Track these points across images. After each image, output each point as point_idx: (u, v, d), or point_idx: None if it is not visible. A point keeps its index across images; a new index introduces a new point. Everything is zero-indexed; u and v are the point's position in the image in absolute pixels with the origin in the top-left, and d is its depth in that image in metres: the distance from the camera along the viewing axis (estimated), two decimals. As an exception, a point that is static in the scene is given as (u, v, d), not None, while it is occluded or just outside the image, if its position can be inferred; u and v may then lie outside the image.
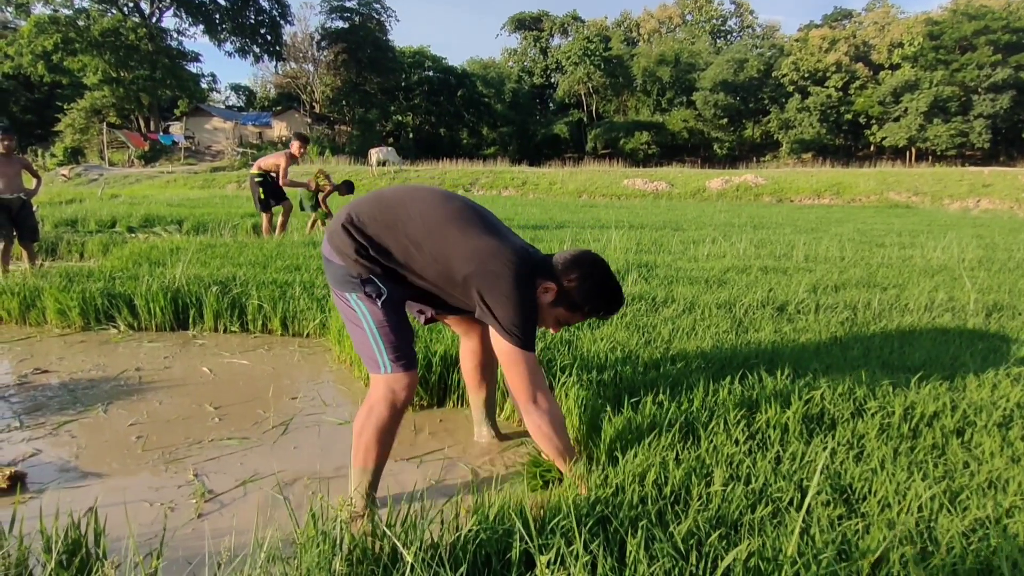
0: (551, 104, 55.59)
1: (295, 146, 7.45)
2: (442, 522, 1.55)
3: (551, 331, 2.08)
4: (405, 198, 1.96)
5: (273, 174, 7.49)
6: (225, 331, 4.14)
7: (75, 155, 33.87)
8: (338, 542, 1.44)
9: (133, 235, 8.34)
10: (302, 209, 8.91)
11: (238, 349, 3.81)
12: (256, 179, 7.46)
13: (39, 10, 35.01)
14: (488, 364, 2.46)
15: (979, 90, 38.89)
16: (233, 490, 2.16)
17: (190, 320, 4.17)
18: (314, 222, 8.76)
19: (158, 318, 4.14)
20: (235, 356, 3.67)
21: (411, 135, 48.38)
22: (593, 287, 1.95)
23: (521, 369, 1.86)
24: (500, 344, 1.86)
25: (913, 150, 40.48)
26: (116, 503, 2.01)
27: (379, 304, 1.91)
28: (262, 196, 7.51)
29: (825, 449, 2.03)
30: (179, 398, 3.01)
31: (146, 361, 3.55)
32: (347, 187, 9.00)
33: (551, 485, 2.12)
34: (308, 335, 4.03)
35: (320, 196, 8.59)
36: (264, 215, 7.71)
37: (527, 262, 1.89)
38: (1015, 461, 2.00)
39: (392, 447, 2.03)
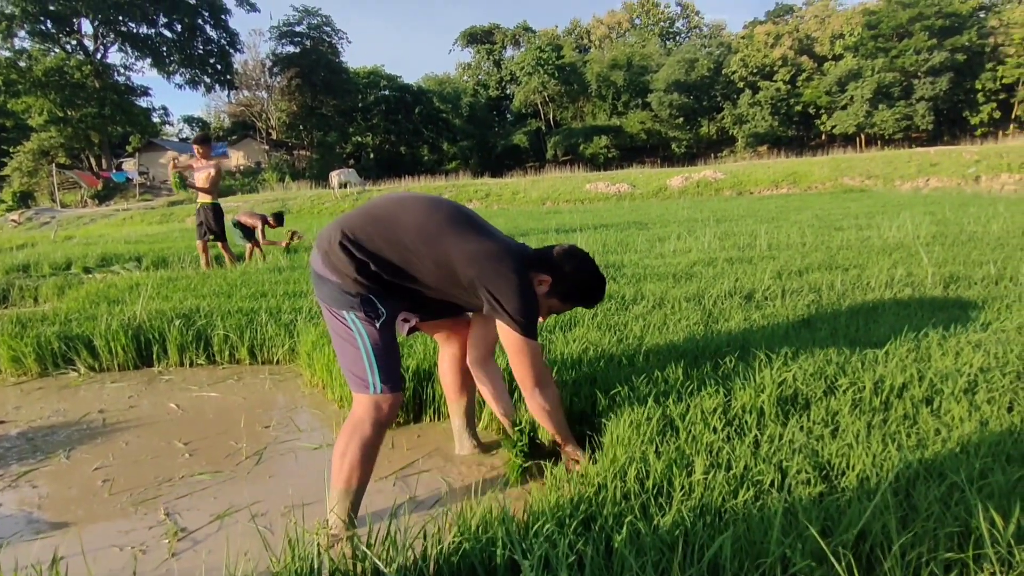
0: (509, 115, 55.94)
1: (195, 151, 7.29)
2: (424, 536, 1.52)
3: (540, 320, 2.16)
4: (397, 210, 1.99)
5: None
6: (192, 365, 4.03)
7: (24, 199, 32.91)
8: (317, 568, 1.39)
9: (90, 275, 8.09)
10: (238, 242, 8.81)
11: (206, 382, 3.71)
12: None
13: (-23, 53, 34.05)
14: (468, 371, 2.44)
15: (919, 74, 40.41)
16: (207, 526, 2.09)
17: (154, 356, 4.05)
18: (251, 252, 8.64)
19: (120, 357, 4.01)
20: (203, 389, 3.57)
21: (372, 155, 48.15)
22: (587, 278, 2.13)
23: (528, 356, 1.99)
24: (508, 335, 1.98)
25: (862, 136, 41.76)
26: (82, 552, 1.92)
27: (377, 326, 1.94)
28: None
29: (801, 429, 2.05)
30: (146, 437, 2.91)
31: (110, 402, 3.42)
32: (277, 219, 8.97)
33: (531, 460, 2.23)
34: (278, 362, 3.95)
35: (257, 232, 8.57)
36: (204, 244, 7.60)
37: (522, 259, 2.02)
38: (984, 424, 2.05)
39: (374, 466, 2.00)
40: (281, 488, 2.35)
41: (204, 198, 7.41)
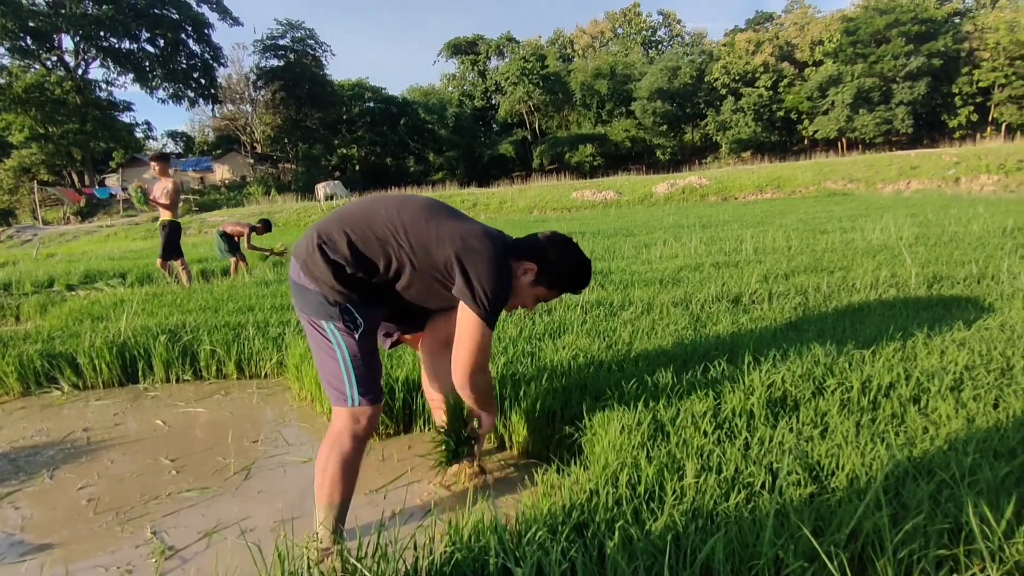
0: (494, 125, 56.14)
1: (153, 168, 7.23)
2: (415, 547, 1.50)
3: (528, 309, 2.16)
4: (371, 207, 1.97)
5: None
6: (178, 381, 3.98)
7: (5, 217, 32.50)
8: (307, 582, 1.38)
9: (73, 293, 7.99)
10: (220, 256, 8.75)
11: (193, 398, 3.66)
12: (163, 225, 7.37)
13: (-46, 71, 33.68)
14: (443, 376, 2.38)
15: (897, 79, 41.12)
16: (195, 544, 2.06)
17: (139, 373, 3.99)
18: (236, 266, 8.57)
19: (104, 374, 3.95)
20: (190, 405, 3.52)
21: (357, 167, 48.11)
22: (573, 263, 2.09)
23: (477, 342, 1.92)
24: (466, 316, 1.91)
25: (844, 140, 42.35)
26: (67, 574, 1.89)
27: (356, 336, 1.90)
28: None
29: (791, 430, 2.06)
30: (132, 455, 2.87)
31: (94, 420, 3.37)
32: (265, 226, 8.91)
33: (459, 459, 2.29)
34: (265, 375, 3.91)
35: (243, 242, 8.51)
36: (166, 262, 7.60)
37: (504, 245, 1.99)
38: (971, 421, 2.06)
39: (357, 479, 1.97)
40: (270, 503, 2.32)
41: (165, 215, 7.37)
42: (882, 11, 41.46)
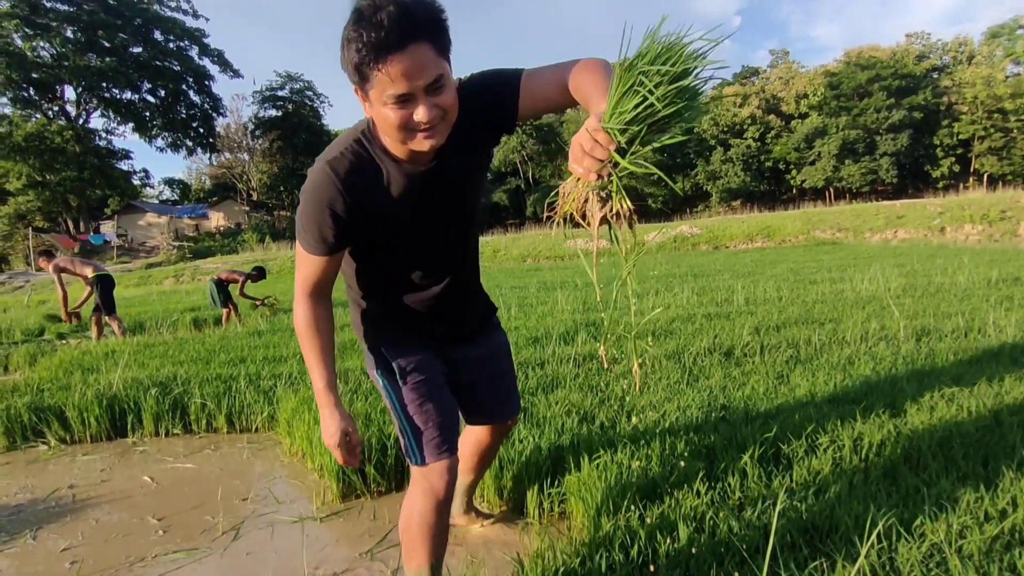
0: (488, 174, 57.02)
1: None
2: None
3: (425, 143, 1.29)
4: None
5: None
6: (167, 435, 3.93)
7: (-2, 263, 32.46)
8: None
9: (64, 342, 7.94)
10: (212, 305, 8.77)
11: (182, 452, 3.62)
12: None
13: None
14: (487, 455, 2.14)
15: (880, 131, 42.37)
16: (181, 609, 2.01)
17: (128, 427, 3.95)
18: (228, 316, 8.57)
19: (93, 428, 3.91)
20: (179, 460, 3.48)
21: (353, 214, 48.49)
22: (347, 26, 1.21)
23: (297, 263, 1.56)
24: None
25: (831, 189, 43.26)
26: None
27: (400, 382, 1.64)
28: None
29: (784, 490, 2.06)
30: (118, 513, 2.82)
31: (80, 476, 3.32)
32: (259, 273, 8.96)
33: None
34: (256, 430, 3.87)
35: (235, 289, 8.56)
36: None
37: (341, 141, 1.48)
38: (961, 480, 2.08)
39: (447, 541, 1.77)
40: (259, 566, 2.27)
41: (88, 274, 7.54)
42: (863, 66, 43.09)
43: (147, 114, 40.49)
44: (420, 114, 1.23)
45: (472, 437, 2.08)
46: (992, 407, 2.72)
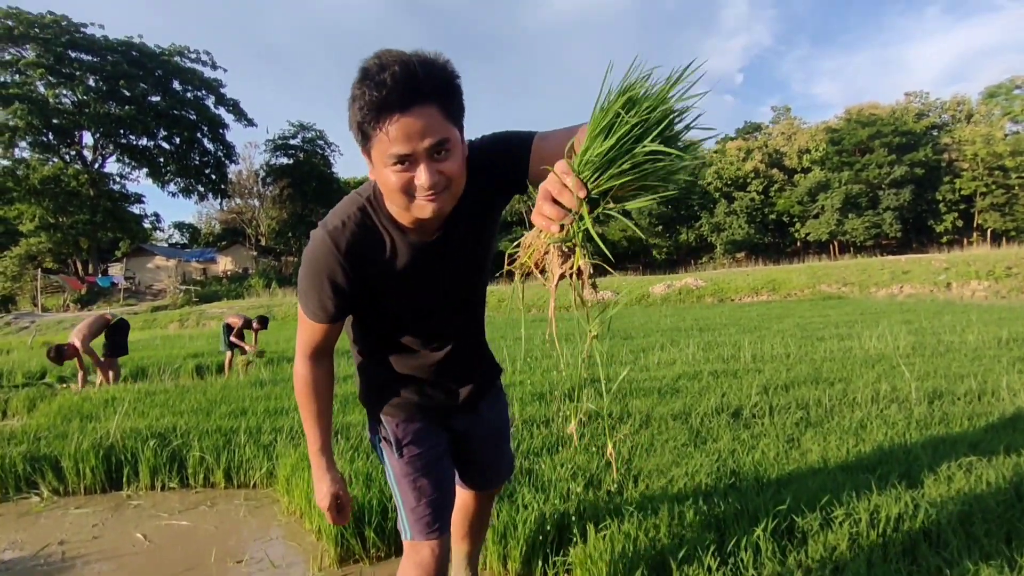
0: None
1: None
2: None
3: (427, 208, 1.25)
4: None
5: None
6: (163, 488, 3.85)
7: (5, 303, 32.63)
8: None
9: (64, 385, 7.89)
10: (223, 348, 8.79)
11: (177, 508, 3.53)
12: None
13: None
14: (478, 520, 2.06)
15: (883, 186, 42.90)
16: None
17: (124, 479, 3.87)
18: (230, 362, 8.54)
19: (88, 479, 3.83)
20: (174, 517, 3.39)
21: (360, 261, 48.86)
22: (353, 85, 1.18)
23: (299, 327, 1.51)
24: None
25: (836, 243, 43.51)
26: None
27: (396, 454, 1.59)
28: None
29: (800, 566, 1.98)
30: (108, 574, 2.73)
31: (71, 532, 3.23)
32: (262, 323, 9.02)
33: None
34: (255, 485, 3.78)
35: (232, 336, 8.54)
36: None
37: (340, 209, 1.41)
38: (984, 559, 1.99)
39: None
40: (250, 636, 2.18)
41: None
42: (864, 123, 43.94)
43: (161, 160, 41.32)
44: (421, 178, 1.19)
45: (459, 502, 1.99)
46: (1011, 478, 2.63)
